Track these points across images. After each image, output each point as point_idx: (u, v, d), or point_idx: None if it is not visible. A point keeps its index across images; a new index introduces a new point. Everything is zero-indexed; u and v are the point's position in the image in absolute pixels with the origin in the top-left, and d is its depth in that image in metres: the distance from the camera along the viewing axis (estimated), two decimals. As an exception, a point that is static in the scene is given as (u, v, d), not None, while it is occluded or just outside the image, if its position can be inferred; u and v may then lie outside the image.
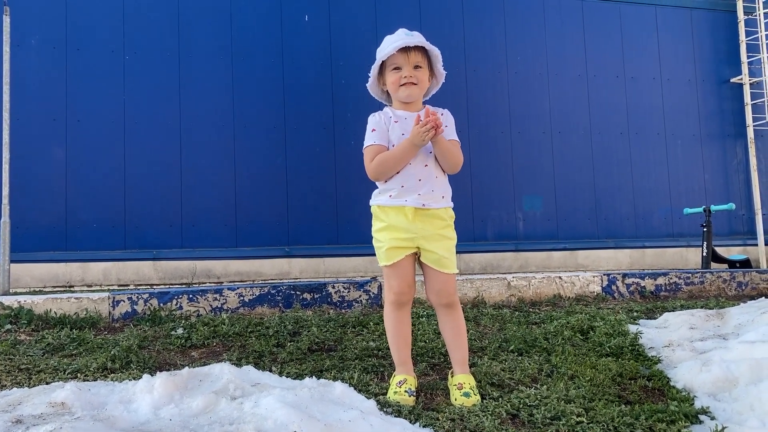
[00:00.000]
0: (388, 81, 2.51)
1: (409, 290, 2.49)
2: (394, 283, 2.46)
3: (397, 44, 2.43)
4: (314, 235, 5.94)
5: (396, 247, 2.45)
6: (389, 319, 2.53)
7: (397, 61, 2.47)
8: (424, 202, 2.44)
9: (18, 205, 4.62)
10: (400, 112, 2.53)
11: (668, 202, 6.81)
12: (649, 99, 6.90)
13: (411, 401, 2.39)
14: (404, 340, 2.53)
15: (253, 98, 5.89)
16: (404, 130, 2.47)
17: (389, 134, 2.50)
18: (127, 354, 2.87)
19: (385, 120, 2.52)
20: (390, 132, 2.50)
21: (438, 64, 2.52)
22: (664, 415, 2.20)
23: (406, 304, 2.51)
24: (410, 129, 2.43)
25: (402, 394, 2.40)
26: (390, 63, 2.48)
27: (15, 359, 2.87)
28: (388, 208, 2.48)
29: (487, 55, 6.45)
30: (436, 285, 2.49)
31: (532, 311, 3.97)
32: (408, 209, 2.43)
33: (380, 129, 2.51)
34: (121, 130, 5.60)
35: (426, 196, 2.45)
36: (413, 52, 2.45)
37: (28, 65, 5.41)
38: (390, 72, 2.49)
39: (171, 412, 2.02)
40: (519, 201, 6.39)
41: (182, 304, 3.78)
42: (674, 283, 4.63)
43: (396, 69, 2.48)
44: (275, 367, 2.79)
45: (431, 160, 2.48)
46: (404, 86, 2.47)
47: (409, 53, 2.44)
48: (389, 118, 2.52)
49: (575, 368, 2.70)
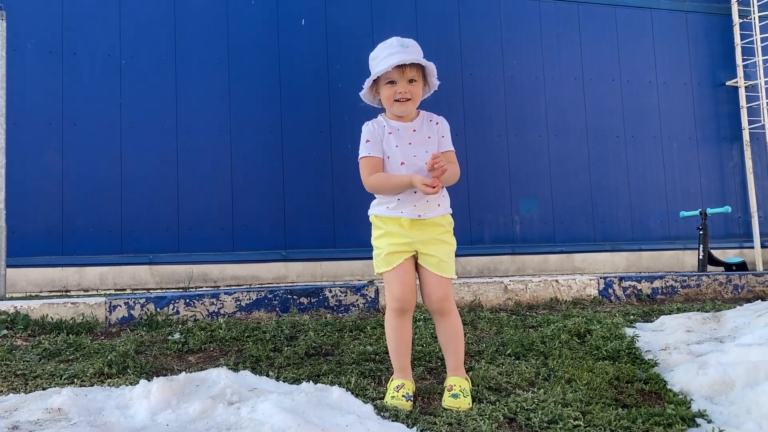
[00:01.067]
0: (383, 95, 2.50)
1: (411, 296, 2.46)
2: (395, 289, 2.44)
3: (392, 61, 2.40)
4: (311, 239, 5.94)
5: (395, 251, 2.46)
6: (390, 326, 2.51)
7: (391, 76, 2.44)
8: (419, 213, 2.46)
9: (14, 209, 4.61)
10: (394, 122, 2.53)
11: (664, 205, 6.83)
12: (645, 102, 6.92)
13: (408, 406, 2.39)
14: (405, 346, 2.52)
15: (250, 102, 5.89)
16: (398, 142, 2.48)
17: (383, 145, 2.50)
18: (123, 359, 2.86)
19: (379, 130, 2.52)
20: (384, 143, 2.50)
21: (432, 77, 2.50)
22: (661, 419, 2.20)
23: (408, 311, 2.49)
24: (404, 140, 2.46)
25: (399, 399, 2.40)
26: (384, 76, 2.46)
27: (11, 365, 2.86)
28: (385, 218, 2.49)
29: (483, 58, 6.47)
30: (433, 290, 2.48)
31: (529, 315, 3.98)
32: (404, 220, 2.45)
33: (374, 140, 2.51)
34: (117, 134, 5.60)
35: (421, 207, 2.46)
36: (408, 67, 2.43)
37: (24, 69, 5.41)
38: (384, 85, 2.48)
39: (168, 418, 2.02)
40: (516, 204, 6.40)
41: (179, 308, 3.77)
42: (671, 286, 4.64)
43: (390, 83, 2.46)
44: (272, 371, 2.79)
45: (424, 172, 2.46)
46: (398, 102, 2.47)
47: (405, 68, 2.42)
48: (383, 128, 2.52)
49: (572, 372, 2.70)
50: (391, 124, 2.52)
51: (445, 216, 2.52)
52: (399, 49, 2.44)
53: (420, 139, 2.50)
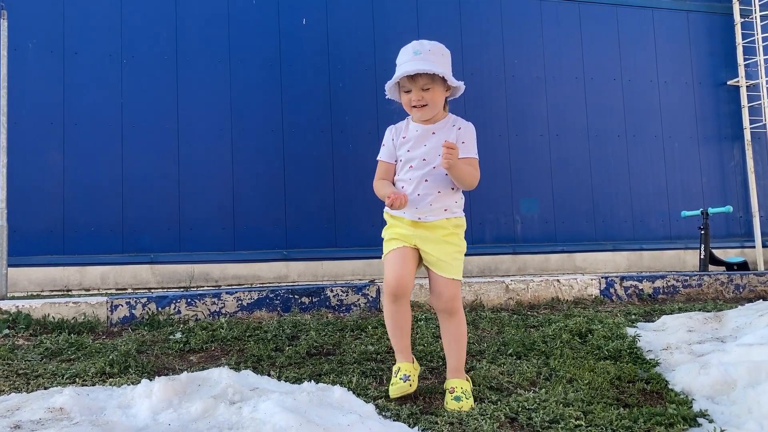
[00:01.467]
0: (402, 101, 2.55)
1: (402, 282, 2.45)
2: (387, 274, 2.48)
3: (400, 71, 2.44)
4: (312, 239, 5.94)
5: (394, 239, 2.51)
6: (386, 311, 2.57)
7: (406, 84, 2.48)
8: (420, 216, 2.48)
9: (15, 208, 4.61)
10: (414, 125, 2.57)
11: (666, 205, 6.83)
12: (646, 101, 6.92)
13: (406, 386, 2.43)
14: (400, 329, 2.55)
15: (251, 102, 5.89)
16: (410, 147, 2.53)
17: (396, 151, 2.57)
18: (125, 358, 2.86)
19: (395, 135, 2.58)
20: (397, 149, 2.57)
21: (449, 80, 2.48)
22: (663, 418, 2.20)
23: (400, 297, 2.49)
24: (420, 142, 2.51)
25: (397, 382, 2.45)
26: (401, 83, 2.50)
27: (13, 364, 2.86)
28: (392, 216, 2.57)
29: (484, 58, 6.47)
30: (435, 288, 2.51)
31: (530, 314, 3.98)
32: (406, 220, 2.51)
33: (388, 145, 2.60)
34: (118, 134, 5.60)
35: (423, 211, 2.48)
36: (420, 76, 2.43)
37: (26, 69, 5.41)
38: (402, 93, 2.53)
39: (170, 417, 2.02)
40: (516, 204, 6.40)
41: (180, 308, 3.78)
42: (672, 286, 4.63)
43: (407, 91, 2.50)
44: (274, 371, 2.79)
45: (433, 176, 2.48)
46: (415, 108, 2.50)
47: (416, 77, 2.44)
48: (400, 133, 2.58)
49: (573, 371, 2.70)
50: (411, 126, 2.57)
51: (451, 219, 2.52)
52: (411, 57, 2.46)
53: (436, 142, 2.50)
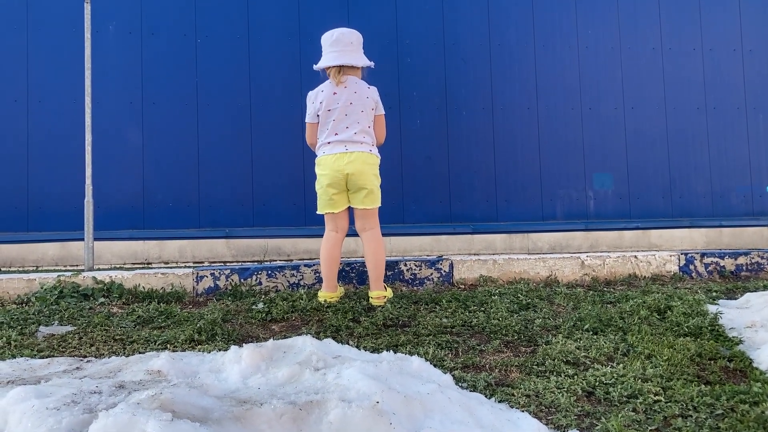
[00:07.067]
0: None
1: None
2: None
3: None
4: (381, 215, 5.97)
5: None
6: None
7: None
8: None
9: (98, 185, 4.86)
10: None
11: (748, 180, 6.53)
12: (728, 72, 6.59)
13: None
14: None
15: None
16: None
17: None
18: (212, 327, 3.01)
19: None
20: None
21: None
22: (747, 396, 2.16)
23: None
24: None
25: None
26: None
27: (110, 330, 3.06)
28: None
29: (556, 28, 6.31)
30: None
31: (606, 290, 3.93)
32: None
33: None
34: (194, 113, 5.78)
35: None
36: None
37: (107, 51, 5.64)
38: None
39: (258, 381, 2.12)
40: (589, 179, 6.26)
41: (261, 279, 3.92)
42: (756, 263, 4.47)
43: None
44: (352, 341, 2.88)
45: None
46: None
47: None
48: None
49: (652, 348, 2.67)
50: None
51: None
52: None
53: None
